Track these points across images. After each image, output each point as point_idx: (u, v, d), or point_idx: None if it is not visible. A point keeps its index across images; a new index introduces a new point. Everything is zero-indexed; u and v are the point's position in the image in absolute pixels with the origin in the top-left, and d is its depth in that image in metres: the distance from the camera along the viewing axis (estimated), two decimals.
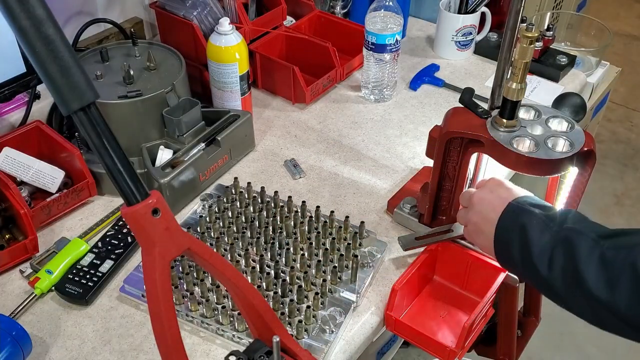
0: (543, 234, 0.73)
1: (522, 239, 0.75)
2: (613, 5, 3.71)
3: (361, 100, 1.37)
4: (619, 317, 0.66)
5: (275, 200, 1.05)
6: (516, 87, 0.84)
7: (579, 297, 0.69)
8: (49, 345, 0.89)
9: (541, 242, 0.73)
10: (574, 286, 0.69)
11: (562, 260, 0.71)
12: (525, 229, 0.74)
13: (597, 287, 0.67)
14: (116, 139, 0.56)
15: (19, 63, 1.02)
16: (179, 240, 0.59)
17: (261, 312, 0.67)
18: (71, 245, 0.99)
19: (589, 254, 0.68)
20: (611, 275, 0.66)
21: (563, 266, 0.71)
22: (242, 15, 1.30)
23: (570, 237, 0.71)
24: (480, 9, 1.45)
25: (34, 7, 0.49)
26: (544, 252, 0.72)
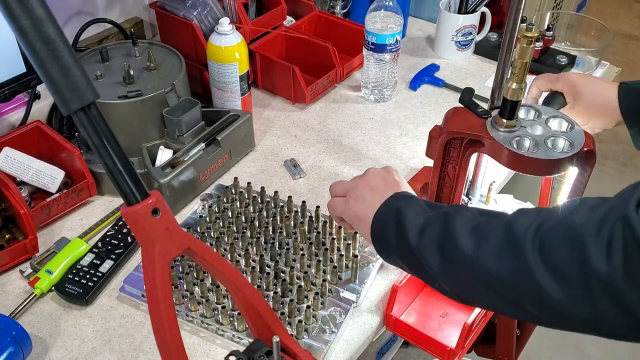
0: (418, 215, 0.72)
1: (397, 219, 0.73)
2: (613, 5, 3.72)
3: (361, 100, 1.37)
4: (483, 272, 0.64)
5: (275, 200, 1.05)
6: (516, 87, 0.84)
7: (447, 263, 0.67)
8: (49, 345, 0.89)
9: (416, 220, 0.71)
10: (443, 253, 0.67)
11: (437, 229, 0.69)
12: (402, 211, 0.73)
13: (467, 246, 0.65)
14: (116, 139, 0.55)
15: (19, 63, 1.02)
16: (179, 240, 0.59)
17: (261, 312, 0.67)
18: (71, 245, 0.99)
19: (465, 222, 0.67)
20: (482, 234, 0.65)
21: (436, 235, 0.68)
22: (242, 15, 1.30)
23: (450, 212, 0.70)
24: (480, 9, 1.45)
25: (34, 7, 0.49)
26: (416, 225, 0.71)
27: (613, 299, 0.54)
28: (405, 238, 0.71)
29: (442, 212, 0.70)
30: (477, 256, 0.64)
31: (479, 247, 0.64)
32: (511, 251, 0.62)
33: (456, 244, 0.66)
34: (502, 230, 0.63)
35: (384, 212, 0.76)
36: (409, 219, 0.72)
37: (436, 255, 0.68)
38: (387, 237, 0.74)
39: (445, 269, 0.68)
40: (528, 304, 0.61)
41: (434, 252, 0.68)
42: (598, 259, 0.55)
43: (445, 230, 0.68)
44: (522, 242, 0.61)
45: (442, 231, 0.68)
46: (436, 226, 0.69)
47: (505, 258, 0.62)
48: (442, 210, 0.72)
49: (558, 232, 0.59)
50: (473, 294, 0.68)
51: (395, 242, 0.73)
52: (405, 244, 0.71)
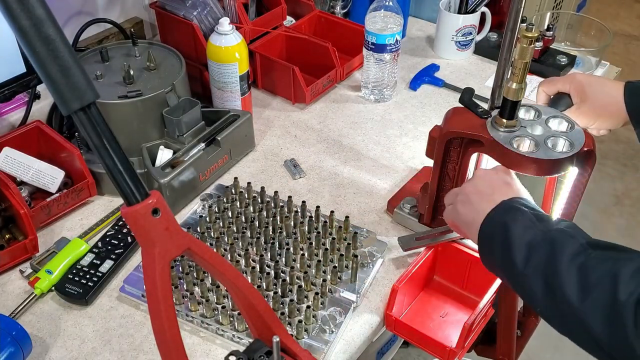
0: (527, 231, 0.71)
1: (503, 237, 0.72)
2: (613, 5, 3.71)
3: (361, 100, 1.37)
4: (588, 330, 0.63)
5: (275, 200, 1.05)
6: (516, 87, 0.84)
7: (553, 300, 0.67)
8: (49, 345, 0.89)
9: (523, 238, 0.71)
10: (549, 287, 0.67)
11: (543, 257, 0.68)
12: (509, 226, 0.72)
13: (572, 292, 0.64)
14: (116, 139, 0.55)
15: (19, 63, 1.02)
16: (179, 240, 0.59)
17: (261, 312, 0.67)
18: (71, 245, 0.99)
19: (572, 258, 0.66)
20: (588, 282, 0.64)
21: (543, 264, 0.68)
22: (242, 15, 1.30)
23: (559, 237, 0.69)
24: (480, 9, 1.45)
25: (34, 7, 0.49)
26: (523, 246, 0.70)
27: None
28: (511, 260, 0.71)
29: (549, 237, 0.69)
30: (581, 309, 0.64)
31: (584, 301, 0.64)
32: (613, 318, 0.61)
33: (562, 287, 0.65)
34: (608, 288, 0.62)
35: (491, 225, 0.75)
36: (516, 238, 0.71)
37: (540, 286, 0.68)
38: (493, 254, 0.75)
39: (548, 302, 0.68)
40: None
41: (539, 282, 0.68)
42: None
43: (551, 263, 0.67)
44: (624, 312, 0.60)
45: (547, 262, 0.68)
46: (542, 254, 0.68)
47: (606, 323, 0.62)
48: (550, 228, 0.70)
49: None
50: (570, 332, 0.68)
51: (501, 260, 0.73)
52: (511, 265, 0.71)
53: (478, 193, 0.80)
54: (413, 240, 0.99)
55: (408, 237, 1.00)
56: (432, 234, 0.99)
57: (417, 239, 0.99)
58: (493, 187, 0.80)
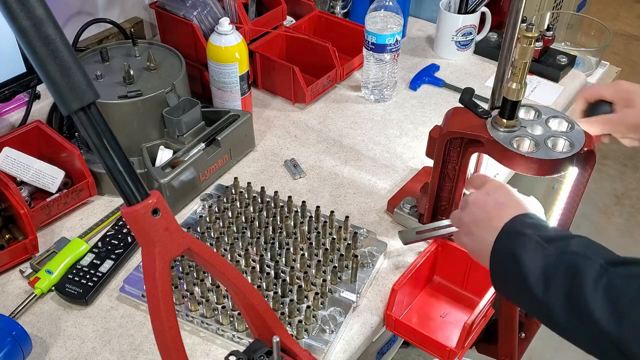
0: (537, 257, 0.68)
1: (516, 268, 0.70)
2: (613, 5, 3.71)
3: (361, 100, 1.37)
4: (625, 352, 0.60)
5: (275, 200, 1.05)
6: (516, 87, 0.84)
7: (581, 326, 0.64)
8: (49, 345, 0.89)
9: (536, 266, 0.68)
10: (576, 314, 0.64)
11: (563, 284, 0.65)
12: (518, 256, 0.70)
13: (604, 317, 0.61)
14: (116, 139, 0.55)
15: (19, 63, 1.02)
16: (179, 240, 0.59)
17: (261, 312, 0.67)
18: (71, 245, 0.99)
19: (595, 281, 0.63)
20: (620, 306, 0.60)
21: (565, 291, 0.65)
22: (242, 15, 1.30)
23: (575, 261, 0.66)
24: (480, 9, 1.45)
25: (34, 7, 0.49)
26: (538, 275, 0.68)
27: None
28: (528, 290, 0.68)
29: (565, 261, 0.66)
30: (616, 333, 0.60)
31: (620, 325, 0.60)
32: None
33: (591, 313, 0.62)
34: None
35: (499, 258, 0.73)
36: (529, 268, 0.68)
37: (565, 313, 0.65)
38: (509, 285, 0.73)
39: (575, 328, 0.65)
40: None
41: (563, 309, 0.65)
42: None
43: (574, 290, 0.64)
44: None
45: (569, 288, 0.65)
46: (561, 280, 0.66)
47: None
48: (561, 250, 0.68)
49: None
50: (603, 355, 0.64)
51: (517, 291, 0.71)
52: (529, 294, 0.68)
53: (475, 223, 0.78)
54: (414, 234, 0.98)
55: (409, 231, 0.99)
56: (432, 228, 0.98)
57: (417, 232, 0.97)
58: (489, 213, 0.77)
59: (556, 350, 1.96)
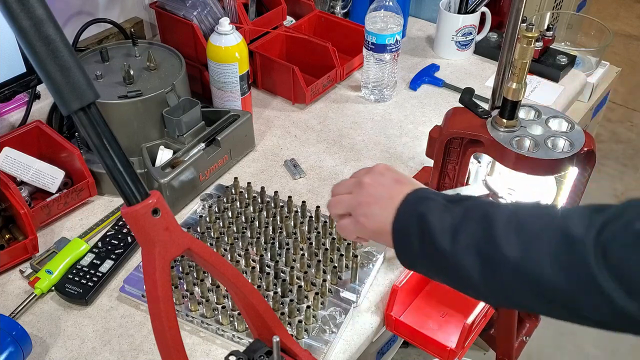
0: (444, 214, 0.66)
1: (420, 224, 0.67)
2: (613, 5, 3.71)
3: (361, 100, 1.37)
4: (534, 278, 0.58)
5: (275, 200, 1.05)
6: (516, 87, 0.84)
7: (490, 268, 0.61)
8: (49, 345, 0.89)
9: (443, 221, 0.65)
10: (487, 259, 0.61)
11: (473, 232, 0.63)
12: (423, 214, 0.67)
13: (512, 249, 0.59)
14: (116, 139, 0.56)
15: (19, 63, 1.02)
16: (179, 240, 0.59)
17: (261, 312, 0.67)
18: (71, 245, 0.99)
19: (506, 223, 0.61)
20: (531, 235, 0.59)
21: (474, 238, 0.62)
22: (242, 15, 1.30)
23: (484, 210, 0.64)
24: (480, 9, 1.45)
25: (34, 7, 0.49)
26: (445, 229, 0.65)
27: None
28: (434, 244, 0.65)
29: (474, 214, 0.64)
30: (525, 260, 0.58)
31: (527, 250, 0.59)
32: (570, 259, 0.56)
33: (500, 248, 0.60)
34: (556, 232, 0.58)
35: (403, 220, 0.70)
36: (435, 223, 0.66)
37: (476, 260, 0.62)
38: (411, 246, 0.69)
39: (486, 275, 0.62)
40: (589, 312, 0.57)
41: (472, 256, 0.62)
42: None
43: (484, 232, 0.62)
44: (583, 249, 0.56)
45: (480, 233, 0.62)
46: (472, 228, 0.63)
47: (563, 267, 0.57)
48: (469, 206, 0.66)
49: (626, 237, 0.54)
50: (518, 301, 0.63)
51: (421, 250, 0.68)
52: (434, 250, 0.65)
53: (376, 202, 0.74)
54: None
55: None
56: None
57: None
58: (388, 190, 0.74)
59: (556, 350, 1.96)
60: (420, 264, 0.70)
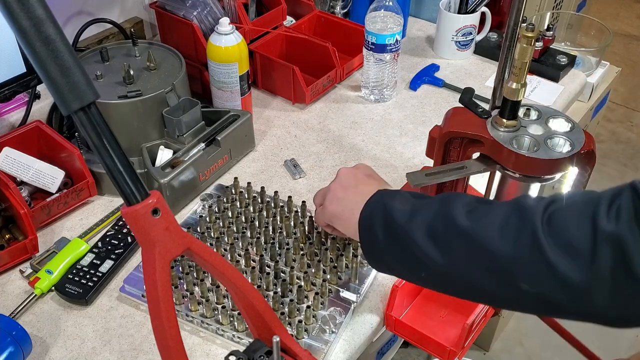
0: (406, 203, 0.71)
1: (385, 212, 0.72)
2: (613, 5, 3.72)
3: (361, 100, 1.37)
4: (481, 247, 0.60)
5: (275, 200, 1.05)
6: (516, 87, 0.84)
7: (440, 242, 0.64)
8: (49, 345, 0.89)
9: (404, 207, 0.70)
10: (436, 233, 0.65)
11: (429, 213, 0.67)
12: (388, 203, 0.72)
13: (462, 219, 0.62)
14: (116, 139, 0.56)
15: (19, 63, 1.02)
16: (179, 240, 0.59)
17: (261, 312, 0.67)
18: (71, 245, 0.99)
19: (463, 206, 0.65)
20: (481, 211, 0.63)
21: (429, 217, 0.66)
22: (242, 15, 1.30)
23: (445, 196, 0.69)
24: (480, 9, 1.45)
25: (34, 7, 0.50)
26: (405, 211, 0.69)
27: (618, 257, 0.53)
28: (393, 224, 0.69)
29: (435, 200, 0.70)
30: (475, 229, 0.61)
31: (478, 221, 0.61)
32: (519, 226, 0.58)
33: (452, 219, 0.63)
34: (508, 205, 0.61)
35: (369, 208, 0.76)
36: (396, 208, 0.71)
37: (428, 234, 0.66)
38: (374, 230, 0.73)
39: (437, 250, 0.65)
40: (529, 284, 0.58)
41: (425, 230, 0.66)
42: (607, 223, 0.54)
43: (439, 213, 0.66)
44: (532, 216, 0.58)
45: (435, 214, 0.67)
46: (428, 210, 0.68)
47: (510, 233, 0.59)
48: (431, 199, 0.71)
49: (571, 209, 0.57)
50: (468, 277, 0.64)
51: (383, 234, 0.71)
52: (393, 231, 0.69)
53: (343, 188, 0.83)
54: (423, 176, 0.92)
55: (418, 174, 0.92)
56: (443, 170, 0.92)
57: (427, 174, 0.92)
58: (357, 180, 0.83)
59: (556, 350, 1.96)
60: (380, 248, 0.74)
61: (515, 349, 1.97)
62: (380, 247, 0.74)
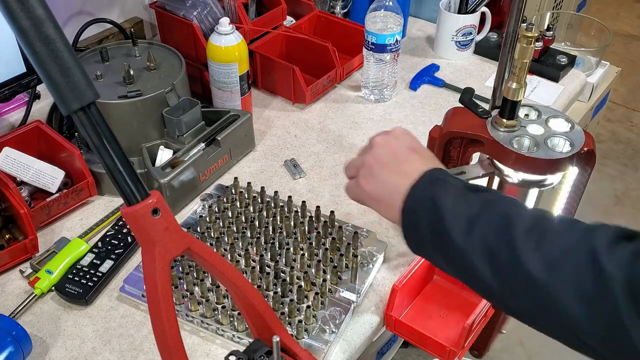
0: (459, 200, 0.62)
1: (434, 213, 0.62)
2: (613, 5, 3.72)
3: (361, 100, 1.37)
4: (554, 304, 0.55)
5: (275, 200, 1.05)
6: (516, 87, 0.84)
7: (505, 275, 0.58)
8: (49, 345, 0.89)
9: (458, 208, 0.61)
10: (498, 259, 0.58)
11: (489, 228, 0.59)
12: (438, 198, 0.62)
13: (533, 263, 0.55)
14: (116, 139, 0.55)
15: (19, 63, 1.02)
16: (179, 240, 0.59)
17: (261, 312, 0.67)
18: (71, 245, 0.99)
19: (528, 228, 0.58)
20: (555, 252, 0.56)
21: (489, 236, 0.59)
22: (242, 15, 1.30)
23: (505, 208, 0.60)
24: (480, 9, 1.45)
25: (34, 7, 0.49)
26: (459, 218, 0.61)
27: None
28: (446, 232, 0.61)
29: (493, 208, 0.60)
30: (548, 283, 0.55)
31: (553, 272, 0.55)
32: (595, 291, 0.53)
33: (518, 257, 0.56)
34: (582, 255, 0.54)
35: (414, 200, 0.65)
36: (450, 211, 0.61)
37: (489, 262, 0.58)
38: (419, 230, 0.64)
39: (500, 280, 0.59)
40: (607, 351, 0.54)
41: (486, 256, 0.59)
42: None
43: (502, 233, 0.58)
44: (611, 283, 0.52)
45: (497, 233, 0.59)
46: (488, 224, 0.59)
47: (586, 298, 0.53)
48: (488, 198, 0.62)
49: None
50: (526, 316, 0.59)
51: (431, 235, 0.63)
52: (445, 238, 0.61)
53: (382, 165, 0.69)
54: None
55: None
56: None
57: None
58: (398, 156, 0.69)
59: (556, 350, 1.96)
60: (426, 249, 0.66)
61: (515, 349, 1.97)
62: (427, 248, 0.66)
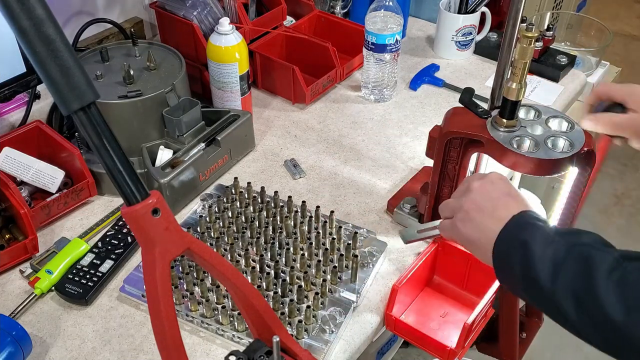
0: (548, 246, 0.66)
1: (524, 253, 0.67)
2: (613, 5, 3.71)
3: (361, 100, 1.37)
4: (635, 347, 0.59)
5: (275, 200, 1.05)
6: (516, 87, 0.84)
7: (591, 319, 0.62)
8: (49, 345, 0.89)
9: (545, 253, 0.65)
10: (585, 306, 0.62)
11: (573, 273, 0.63)
12: (527, 242, 0.67)
13: (615, 310, 0.59)
14: (116, 139, 0.56)
15: (19, 63, 1.02)
16: (179, 240, 0.59)
17: (261, 312, 0.67)
18: (71, 245, 0.99)
19: (609, 272, 0.61)
20: (632, 297, 0.59)
21: (575, 281, 0.63)
22: (242, 15, 1.30)
23: (586, 252, 0.64)
24: (480, 9, 1.45)
25: (34, 7, 0.50)
26: (547, 262, 0.65)
27: None
28: (535, 277, 0.65)
29: (576, 252, 0.64)
30: (629, 327, 0.59)
31: (631, 316, 0.58)
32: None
33: (601, 304, 0.60)
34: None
35: (505, 243, 0.70)
36: (537, 255, 0.66)
37: (573, 303, 0.63)
38: (513, 272, 0.69)
39: (583, 320, 0.63)
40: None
41: (571, 299, 0.63)
42: None
43: (584, 279, 0.62)
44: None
45: (579, 278, 0.62)
46: (571, 269, 0.63)
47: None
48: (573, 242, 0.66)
49: None
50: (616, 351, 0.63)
51: (522, 278, 0.68)
52: (535, 283, 0.66)
53: (479, 210, 0.74)
54: (414, 232, 0.94)
55: (409, 230, 0.95)
56: (434, 226, 0.93)
57: (419, 231, 0.94)
58: (494, 202, 0.73)
59: (556, 350, 1.96)
60: (517, 288, 0.70)
61: None
62: (517, 288, 0.71)
